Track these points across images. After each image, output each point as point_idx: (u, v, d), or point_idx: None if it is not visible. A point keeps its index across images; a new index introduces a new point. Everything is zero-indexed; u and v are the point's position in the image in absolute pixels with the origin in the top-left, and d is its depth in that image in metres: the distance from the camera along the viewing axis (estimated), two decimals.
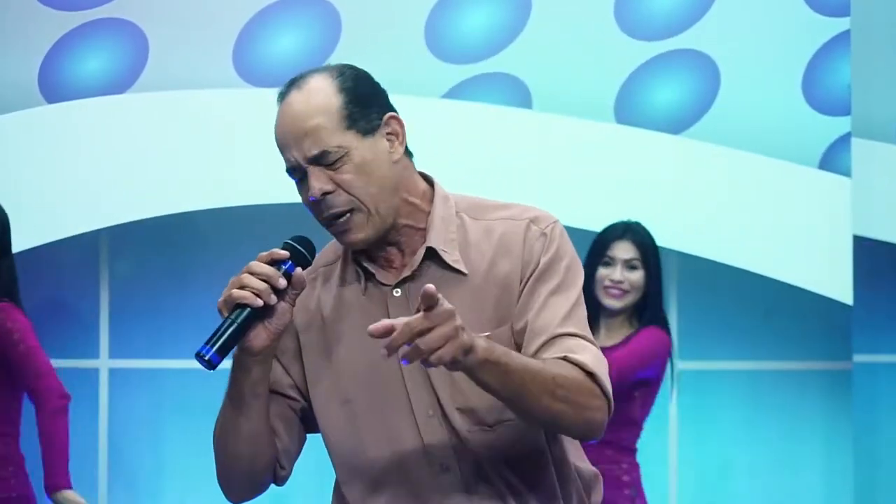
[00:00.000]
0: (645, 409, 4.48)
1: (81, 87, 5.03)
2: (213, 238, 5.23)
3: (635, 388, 4.40)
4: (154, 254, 4.61)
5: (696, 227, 5.27)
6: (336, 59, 5.12)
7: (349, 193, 2.27)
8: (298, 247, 2.28)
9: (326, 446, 2.37)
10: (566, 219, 5.24)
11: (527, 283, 2.28)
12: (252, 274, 2.23)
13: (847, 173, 5.34)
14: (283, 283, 2.22)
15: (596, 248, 4.52)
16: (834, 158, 5.36)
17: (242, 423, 2.27)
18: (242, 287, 2.22)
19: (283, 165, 2.31)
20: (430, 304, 2.03)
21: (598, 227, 5.07)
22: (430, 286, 2.04)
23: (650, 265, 4.47)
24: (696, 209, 5.27)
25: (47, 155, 4.97)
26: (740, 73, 5.32)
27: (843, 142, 5.35)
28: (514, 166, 4.84)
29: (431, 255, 2.30)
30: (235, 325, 2.22)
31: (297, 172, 2.31)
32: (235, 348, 2.23)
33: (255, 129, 5.07)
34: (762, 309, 5.45)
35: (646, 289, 4.46)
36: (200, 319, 4.68)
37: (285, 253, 2.25)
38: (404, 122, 2.38)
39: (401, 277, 2.31)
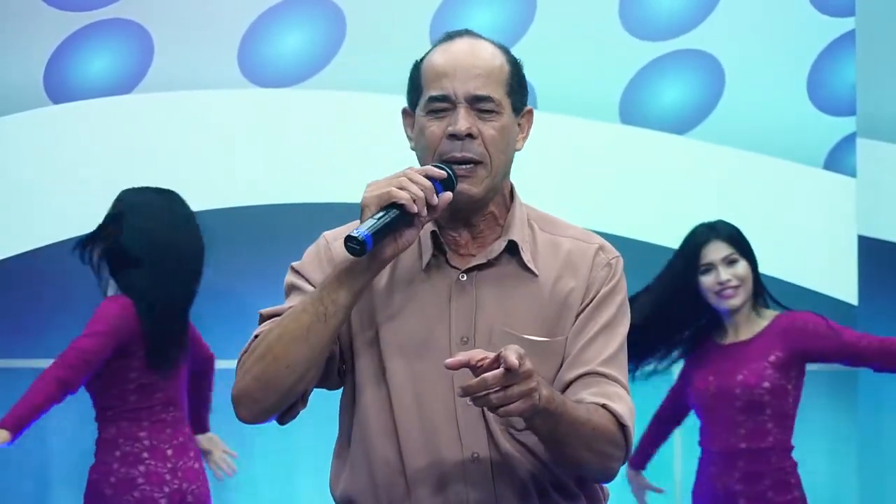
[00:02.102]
0: (797, 401, 4.40)
1: (86, 88, 5.04)
2: (216, 237, 5.23)
3: (790, 380, 4.38)
4: None
5: None
6: (341, 59, 5.12)
7: (486, 148, 2.33)
8: (450, 171, 2.29)
9: (353, 402, 2.37)
10: (571, 219, 5.24)
11: (586, 307, 2.35)
12: (411, 182, 2.24)
13: (852, 173, 5.34)
14: (435, 199, 2.25)
15: (686, 261, 4.44)
16: (839, 159, 5.35)
17: (317, 336, 2.24)
18: (402, 189, 2.23)
19: (285, 165, 2.32)
20: (511, 366, 2.08)
21: (603, 227, 5.06)
22: (512, 358, 2.07)
23: (747, 253, 4.43)
24: (701, 209, 5.26)
25: (52, 155, 4.97)
26: (745, 73, 5.32)
27: (848, 142, 5.35)
28: (518, 166, 4.83)
29: (509, 249, 2.36)
30: (389, 219, 2.21)
31: (443, 103, 2.33)
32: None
33: (259, 129, 5.10)
34: None
35: (754, 276, 4.44)
36: (204, 317, 4.69)
37: (443, 172, 2.27)
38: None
39: (474, 263, 2.34)
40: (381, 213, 2.21)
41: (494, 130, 2.33)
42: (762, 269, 5.24)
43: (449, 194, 2.26)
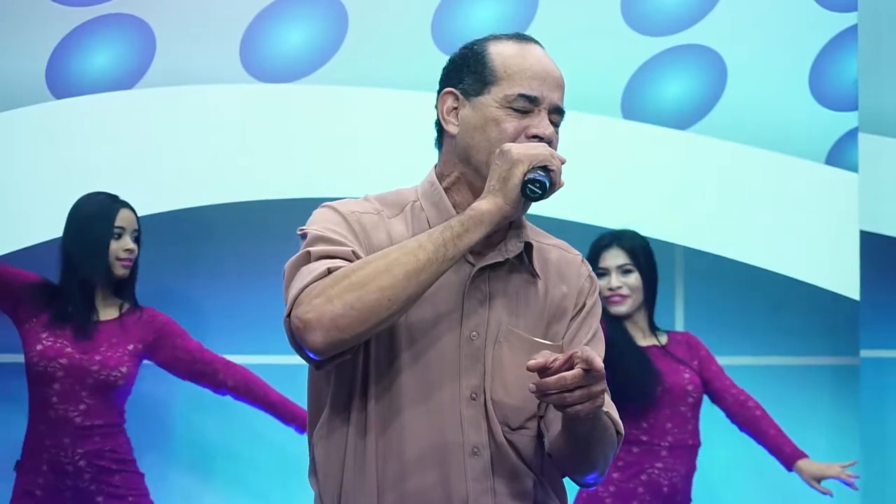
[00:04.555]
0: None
1: (89, 83, 5.04)
2: (219, 233, 5.24)
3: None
4: (161, 249, 4.61)
5: (703, 222, 5.27)
6: (343, 54, 5.12)
7: None
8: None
9: (357, 383, 2.37)
10: (572, 214, 5.26)
11: (577, 314, 2.43)
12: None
13: (854, 169, 5.34)
14: (562, 181, 2.34)
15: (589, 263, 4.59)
16: (841, 154, 5.35)
17: (428, 276, 2.23)
18: (553, 158, 2.31)
19: (288, 160, 2.32)
20: (589, 367, 2.13)
21: (605, 222, 5.08)
22: (598, 361, 2.13)
23: (643, 267, 4.57)
24: (703, 204, 5.27)
25: (54, 150, 4.97)
26: (747, 68, 5.32)
27: (850, 137, 5.35)
28: None
29: (522, 251, 2.41)
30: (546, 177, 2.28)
31: (530, 103, 2.38)
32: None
33: (262, 124, 5.10)
34: (769, 304, 5.45)
35: (646, 289, 4.58)
36: (206, 314, 4.70)
37: (564, 160, 2.36)
38: None
39: (491, 261, 2.38)
40: (541, 172, 2.28)
41: (557, 142, 2.41)
42: (764, 264, 5.26)
43: (563, 182, 2.34)
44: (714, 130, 5.30)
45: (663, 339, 4.71)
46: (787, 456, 4.67)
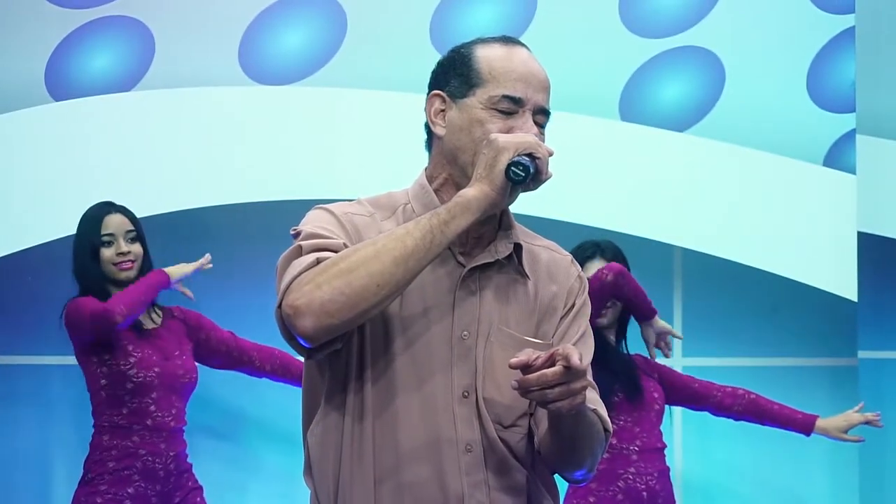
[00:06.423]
0: None
1: (88, 85, 5.05)
2: (218, 234, 5.24)
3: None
4: (161, 251, 4.61)
5: (701, 224, 5.27)
6: (342, 56, 5.13)
7: None
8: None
9: (351, 378, 2.38)
10: (570, 216, 5.27)
11: (566, 314, 2.44)
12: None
13: (852, 170, 5.34)
14: (550, 172, 2.34)
15: None
16: (839, 155, 5.36)
17: (417, 263, 2.25)
18: (539, 147, 2.31)
19: (286, 162, 2.32)
20: (568, 364, 2.14)
21: (603, 224, 5.09)
22: (576, 358, 2.14)
23: None
24: (701, 206, 5.27)
25: (54, 153, 4.98)
26: (745, 70, 5.33)
27: (848, 139, 5.36)
28: None
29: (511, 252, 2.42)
30: (532, 164, 2.29)
31: (515, 105, 2.38)
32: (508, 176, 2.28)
33: (260, 126, 5.11)
34: (767, 306, 5.45)
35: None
36: (204, 312, 4.69)
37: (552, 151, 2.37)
38: None
39: (481, 262, 2.39)
40: (526, 158, 2.28)
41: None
42: (762, 265, 5.27)
43: (551, 173, 2.34)
44: (712, 132, 5.30)
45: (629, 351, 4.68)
46: (801, 423, 4.66)
